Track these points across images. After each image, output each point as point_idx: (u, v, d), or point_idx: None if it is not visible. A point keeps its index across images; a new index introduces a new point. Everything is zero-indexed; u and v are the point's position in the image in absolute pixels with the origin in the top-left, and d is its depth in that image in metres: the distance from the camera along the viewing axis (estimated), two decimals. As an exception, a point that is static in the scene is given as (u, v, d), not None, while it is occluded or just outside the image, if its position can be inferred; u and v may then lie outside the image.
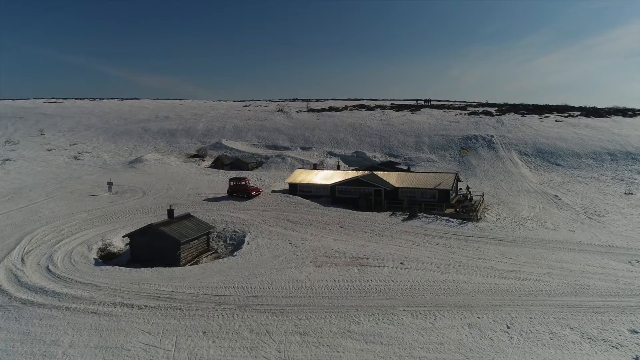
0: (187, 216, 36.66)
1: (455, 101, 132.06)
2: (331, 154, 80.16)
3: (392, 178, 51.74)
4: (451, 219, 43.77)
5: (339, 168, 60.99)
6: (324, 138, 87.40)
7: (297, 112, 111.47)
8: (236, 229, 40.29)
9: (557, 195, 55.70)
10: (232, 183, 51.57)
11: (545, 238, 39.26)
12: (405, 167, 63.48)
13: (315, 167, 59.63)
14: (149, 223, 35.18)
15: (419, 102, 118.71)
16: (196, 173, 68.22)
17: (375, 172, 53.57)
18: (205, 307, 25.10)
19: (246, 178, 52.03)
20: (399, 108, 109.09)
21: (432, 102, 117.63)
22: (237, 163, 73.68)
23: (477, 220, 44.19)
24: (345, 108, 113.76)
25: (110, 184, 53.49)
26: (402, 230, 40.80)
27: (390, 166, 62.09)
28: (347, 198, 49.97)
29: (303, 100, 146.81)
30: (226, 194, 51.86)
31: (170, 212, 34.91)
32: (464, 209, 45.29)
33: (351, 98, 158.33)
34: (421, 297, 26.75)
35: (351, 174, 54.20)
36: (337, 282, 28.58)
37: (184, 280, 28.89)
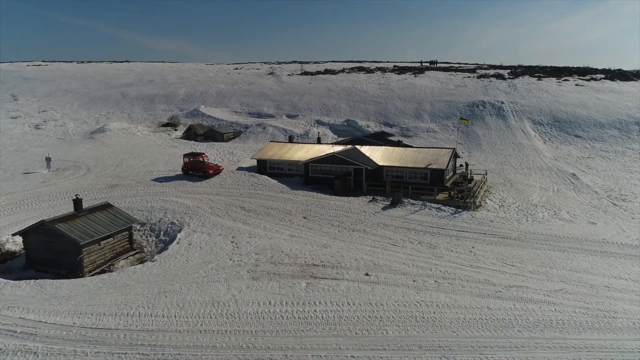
0: (104, 206, 29.16)
1: (465, 63, 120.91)
2: (319, 122, 71.59)
3: (377, 154, 43.47)
4: (443, 207, 35.72)
5: (319, 141, 52.72)
6: (313, 104, 78.56)
7: (288, 75, 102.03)
8: (175, 220, 32.80)
9: (574, 174, 47.11)
10: (186, 159, 43.80)
11: (558, 234, 31.16)
12: (397, 140, 54.94)
13: (291, 139, 51.39)
14: (64, 214, 27.83)
15: (424, 64, 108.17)
16: (162, 145, 60.46)
17: (358, 147, 45.30)
18: (72, 351, 17.83)
19: (203, 154, 44.11)
20: (401, 71, 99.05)
21: (439, 65, 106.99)
22: (210, 133, 65.64)
23: (476, 209, 36.12)
24: (343, 71, 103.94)
25: (48, 159, 46.09)
26: (380, 222, 32.93)
27: (380, 138, 53.63)
28: (323, 178, 42.02)
29: (300, 62, 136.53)
30: (181, 172, 44.25)
31: (76, 202, 27.43)
32: (459, 193, 37.12)
33: (354, 60, 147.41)
34: (381, 333, 19.19)
35: (331, 148, 45.92)
36: (272, 306, 21.08)
37: (67, 301, 21.60)
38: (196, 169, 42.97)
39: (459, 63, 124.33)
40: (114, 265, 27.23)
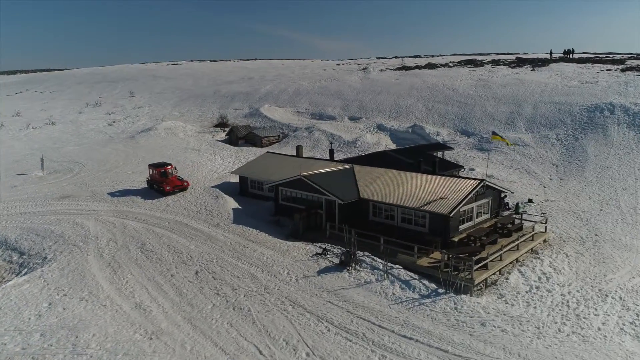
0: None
1: (611, 53, 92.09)
2: (380, 127, 58.95)
3: (368, 180, 30.61)
4: (417, 281, 21.96)
5: (332, 154, 40.92)
6: (385, 105, 65.81)
7: (380, 70, 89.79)
8: (51, 254, 25.86)
9: None
10: (150, 171, 37.00)
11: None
12: (439, 157, 39.76)
13: (298, 150, 40.82)
14: None
15: (553, 55, 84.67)
16: (188, 149, 55.09)
17: (358, 167, 32.93)
18: None
19: (169, 165, 36.65)
20: (519, 63, 78.76)
21: (574, 55, 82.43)
22: (250, 136, 58.56)
23: (477, 292, 21.50)
24: (446, 65, 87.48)
25: (42, 160, 44.35)
26: (292, 297, 21.06)
27: (417, 154, 39.19)
28: (293, 208, 31.05)
29: (402, 57, 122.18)
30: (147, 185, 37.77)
31: None
32: (449, 259, 22.62)
33: (488, 52, 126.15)
34: None
35: (339, 166, 34.37)
36: None
37: None
38: (157, 183, 35.93)
39: (604, 52, 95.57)
40: None
